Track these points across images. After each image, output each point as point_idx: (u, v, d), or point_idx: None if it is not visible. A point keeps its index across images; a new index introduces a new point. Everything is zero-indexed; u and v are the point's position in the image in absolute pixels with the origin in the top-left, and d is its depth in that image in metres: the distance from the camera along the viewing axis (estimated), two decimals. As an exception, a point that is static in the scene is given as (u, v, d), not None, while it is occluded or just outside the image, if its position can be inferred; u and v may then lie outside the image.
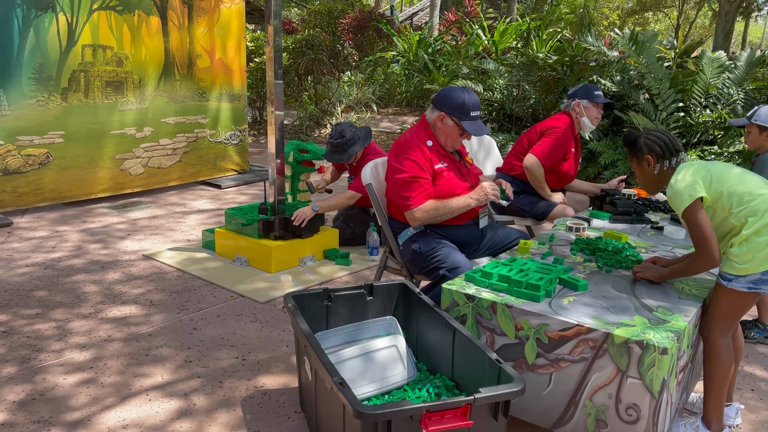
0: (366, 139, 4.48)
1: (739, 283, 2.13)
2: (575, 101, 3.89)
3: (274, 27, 3.90)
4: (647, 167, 2.33)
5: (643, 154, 2.33)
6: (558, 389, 2.06)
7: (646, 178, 2.36)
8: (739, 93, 7.22)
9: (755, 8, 29.05)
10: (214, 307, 3.50)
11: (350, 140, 4.41)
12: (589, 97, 3.86)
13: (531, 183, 3.87)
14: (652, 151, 2.31)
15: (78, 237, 4.77)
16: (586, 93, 3.87)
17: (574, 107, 3.90)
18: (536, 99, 8.19)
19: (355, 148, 4.41)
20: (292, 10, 29.45)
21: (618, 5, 33.08)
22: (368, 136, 4.50)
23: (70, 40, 5.35)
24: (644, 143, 2.32)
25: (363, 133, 4.49)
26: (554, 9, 17.65)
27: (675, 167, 2.29)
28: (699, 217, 2.11)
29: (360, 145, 4.43)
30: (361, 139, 4.45)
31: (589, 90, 3.87)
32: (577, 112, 3.89)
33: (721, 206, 2.15)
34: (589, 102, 3.86)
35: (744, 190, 2.13)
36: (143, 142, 6.08)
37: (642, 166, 2.35)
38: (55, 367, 2.79)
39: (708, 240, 2.10)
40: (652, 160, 2.32)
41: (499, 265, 2.38)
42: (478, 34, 12.51)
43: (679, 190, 2.15)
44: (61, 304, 3.49)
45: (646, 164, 2.33)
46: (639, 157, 2.35)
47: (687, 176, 2.17)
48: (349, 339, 2.44)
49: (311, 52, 10.72)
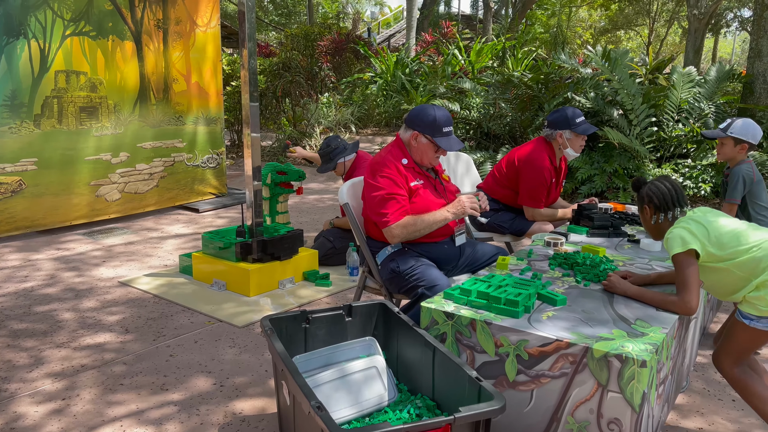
0: (352, 149, 4.58)
1: (761, 323, 2.16)
2: (557, 132, 3.75)
3: (248, 49, 3.90)
4: (646, 216, 2.38)
5: (642, 203, 2.38)
6: (540, 406, 2.04)
7: (646, 225, 2.41)
8: (710, 107, 7.37)
9: (724, 25, 29.84)
10: (191, 333, 3.44)
11: (335, 150, 4.54)
12: (571, 127, 3.71)
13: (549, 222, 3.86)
14: (650, 202, 2.34)
15: (51, 265, 4.67)
16: (568, 123, 3.71)
17: (557, 138, 3.76)
18: (513, 117, 8.27)
19: (340, 157, 4.52)
20: (269, 34, 29.62)
21: (591, 24, 33.78)
22: (355, 147, 4.62)
23: (43, 67, 5.30)
24: (645, 193, 2.36)
25: (350, 144, 4.61)
26: (529, 29, 17.94)
27: (672, 221, 2.31)
28: (688, 264, 2.14)
29: (345, 155, 4.54)
30: (347, 149, 4.56)
31: (571, 119, 3.71)
32: (560, 143, 3.76)
33: (723, 260, 2.16)
34: (571, 132, 3.74)
35: (744, 241, 2.16)
36: (119, 167, 6.01)
37: (643, 214, 2.40)
38: (26, 398, 2.71)
39: (690, 288, 2.13)
40: (649, 211, 2.35)
41: (478, 281, 2.37)
42: (455, 54, 12.66)
43: (673, 236, 2.19)
44: (33, 334, 3.40)
45: (644, 213, 2.38)
46: (640, 205, 2.40)
47: (684, 229, 2.19)
48: (328, 361, 2.40)
49: (288, 74, 10.75)
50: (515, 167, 3.84)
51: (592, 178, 6.81)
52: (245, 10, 3.86)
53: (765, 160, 6.55)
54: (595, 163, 6.93)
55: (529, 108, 8.08)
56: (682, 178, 6.69)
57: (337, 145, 4.54)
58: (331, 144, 4.56)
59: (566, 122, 3.72)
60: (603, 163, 6.89)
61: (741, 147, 3.13)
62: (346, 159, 4.57)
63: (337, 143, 4.56)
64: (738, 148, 3.14)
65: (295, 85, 10.86)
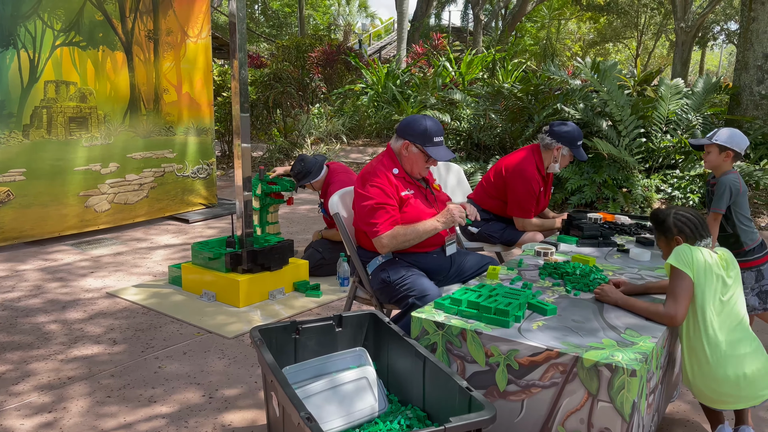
0: (317, 171, 4.59)
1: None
2: (557, 145, 3.74)
3: (239, 60, 3.91)
4: (673, 246, 2.31)
5: (673, 235, 2.33)
6: (530, 416, 2.04)
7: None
8: (697, 118, 7.44)
9: (711, 38, 30.23)
10: (180, 344, 3.41)
11: (297, 175, 4.62)
12: (572, 147, 3.73)
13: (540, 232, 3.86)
14: (681, 232, 2.30)
15: (37, 276, 4.63)
16: (571, 143, 3.72)
17: (554, 150, 3.76)
18: (503, 128, 8.32)
19: (305, 182, 4.61)
20: (261, 45, 29.70)
21: (580, 36, 34.12)
22: (320, 167, 4.62)
23: (32, 77, 5.28)
24: (674, 223, 2.32)
25: (315, 165, 4.61)
26: (518, 41, 18.11)
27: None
28: (683, 276, 2.16)
29: (310, 178, 4.59)
30: (311, 172, 4.58)
31: (574, 140, 3.72)
32: (554, 156, 3.77)
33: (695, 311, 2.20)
34: (569, 151, 3.75)
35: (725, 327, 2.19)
36: (109, 177, 5.98)
37: (671, 246, 2.33)
38: (12, 411, 2.67)
39: (679, 299, 2.15)
40: (682, 241, 2.30)
41: (468, 291, 2.37)
42: (445, 66, 12.74)
43: (684, 250, 2.20)
44: (19, 346, 3.36)
45: (675, 244, 2.31)
46: (668, 237, 2.35)
47: (698, 253, 2.21)
48: (318, 372, 2.38)
49: (279, 85, 10.76)
50: (503, 177, 3.85)
51: (581, 188, 6.85)
52: (236, 21, 3.87)
53: (752, 171, 6.62)
54: (584, 174, 6.97)
55: (519, 119, 8.13)
56: (670, 188, 6.74)
57: (300, 170, 4.58)
58: (295, 169, 4.62)
59: (572, 141, 3.73)
60: (592, 173, 6.93)
61: (726, 155, 3.15)
62: (313, 181, 4.62)
63: (300, 168, 4.59)
64: (723, 156, 3.16)
65: (287, 96, 10.88)
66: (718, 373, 2.17)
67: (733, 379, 2.16)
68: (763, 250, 3.20)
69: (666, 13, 26.12)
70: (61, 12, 5.41)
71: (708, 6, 18.78)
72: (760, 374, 2.19)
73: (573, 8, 28.10)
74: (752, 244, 3.18)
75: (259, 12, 33.22)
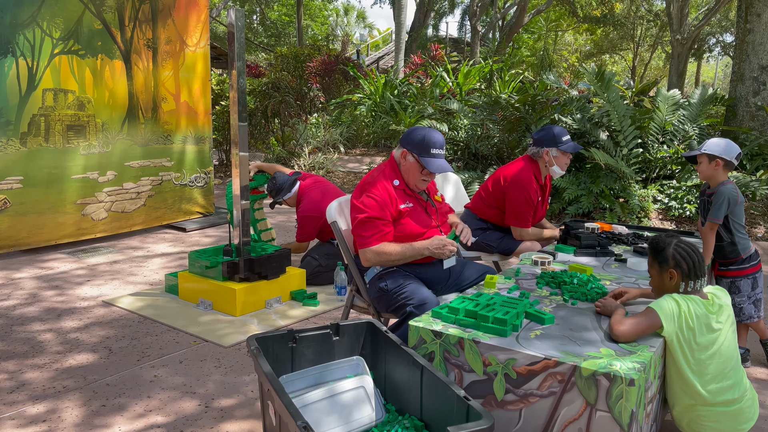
0: (289, 188, 4.79)
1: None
2: (544, 149, 3.78)
3: (237, 69, 3.91)
4: (668, 280, 2.23)
5: (668, 267, 2.22)
6: (528, 425, 2.03)
7: (663, 287, 2.26)
8: (694, 129, 7.47)
9: (706, 50, 30.43)
10: (176, 353, 3.39)
11: (271, 192, 4.83)
12: (557, 145, 3.75)
13: (537, 242, 3.87)
14: (678, 266, 2.20)
15: (33, 284, 4.61)
16: (554, 141, 3.74)
17: (543, 156, 3.79)
18: (500, 138, 8.34)
19: (278, 198, 4.81)
20: (259, 55, 29.79)
21: (576, 48, 34.32)
22: (292, 184, 4.81)
23: (30, 85, 5.28)
24: (673, 255, 2.21)
25: (286, 183, 4.81)
26: (515, 52, 18.20)
27: (691, 292, 2.20)
28: (652, 318, 2.11)
29: (282, 195, 4.79)
30: (282, 190, 4.79)
31: (557, 137, 3.74)
32: (546, 161, 3.79)
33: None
34: (557, 150, 3.77)
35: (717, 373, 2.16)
36: (106, 186, 5.97)
37: (663, 277, 2.24)
38: (6, 421, 2.65)
39: (634, 328, 2.08)
40: (676, 276, 2.21)
41: (466, 300, 2.36)
42: (443, 76, 12.79)
43: (667, 301, 2.14)
44: (14, 355, 3.34)
45: (668, 277, 2.23)
46: (663, 267, 2.24)
47: (677, 305, 2.13)
48: (316, 381, 2.37)
49: (278, 94, 10.79)
50: (501, 187, 3.86)
51: (578, 198, 6.86)
52: (234, 30, 3.89)
53: (749, 181, 6.64)
54: (581, 184, 6.99)
55: (516, 129, 8.16)
56: (667, 198, 6.75)
57: (271, 188, 4.81)
58: (269, 187, 4.85)
59: (552, 140, 3.77)
60: (589, 183, 6.95)
61: (716, 164, 3.15)
62: (286, 198, 4.82)
63: (272, 185, 4.81)
64: (713, 165, 3.16)
65: (285, 105, 10.90)
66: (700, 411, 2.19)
67: (713, 417, 2.17)
68: (756, 258, 3.24)
69: (662, 26, 26.29)
70: (60, 20, 5.43)
71: (704, 18, 18.93)
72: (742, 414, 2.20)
73: (570, 20, 28.28)
74: (748, 252, 3.21)
75: (258, 22, 33.35)
